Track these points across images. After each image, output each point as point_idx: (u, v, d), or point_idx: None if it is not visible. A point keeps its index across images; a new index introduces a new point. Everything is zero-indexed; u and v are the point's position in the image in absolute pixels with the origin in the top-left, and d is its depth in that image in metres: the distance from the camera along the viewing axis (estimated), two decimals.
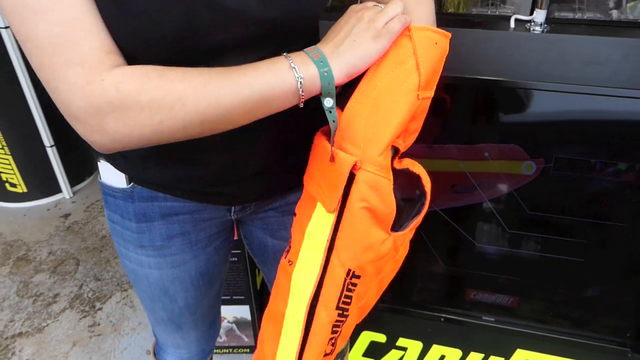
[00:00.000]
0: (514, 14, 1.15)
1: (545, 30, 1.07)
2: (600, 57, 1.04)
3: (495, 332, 1.37)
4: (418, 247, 1.38)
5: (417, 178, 0.72)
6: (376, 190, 0.62)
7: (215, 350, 1.65)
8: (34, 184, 2.54)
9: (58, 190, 2.62)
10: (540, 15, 1.08)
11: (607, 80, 1.05)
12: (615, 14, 1.28)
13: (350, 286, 0.66)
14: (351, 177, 0.62)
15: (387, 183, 0.63)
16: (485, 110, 1.15)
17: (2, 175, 2.46)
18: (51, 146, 2.41)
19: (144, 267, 0.86)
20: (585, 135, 1.12)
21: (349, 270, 0.65)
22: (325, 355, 0.73)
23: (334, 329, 0.70)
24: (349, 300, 0.68)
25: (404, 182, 0.71)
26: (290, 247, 0.72)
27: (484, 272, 1.35)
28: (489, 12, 1.24)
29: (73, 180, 2.65)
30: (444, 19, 1.20)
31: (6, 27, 2.07)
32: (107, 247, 2.37)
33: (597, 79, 1.05)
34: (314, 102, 0.64)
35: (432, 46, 0.69)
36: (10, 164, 2.42)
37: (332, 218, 0.63)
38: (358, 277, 0.66)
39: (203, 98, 0.56)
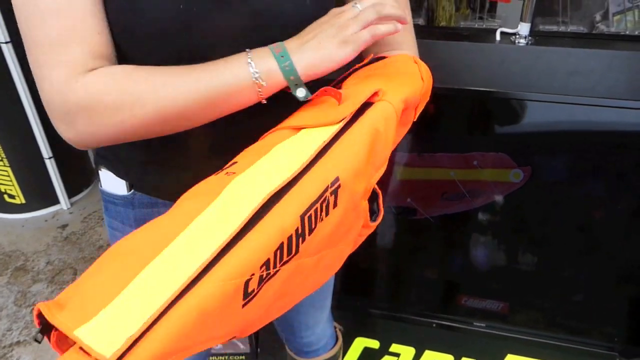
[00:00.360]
0: (501, 27, 1.20)
1: (530, 42, 1.12)
2: (583, 68, 1.08)
3: (487, 338, 1.40)
4: (410, 253, 1.41)
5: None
6: (387, 124, 0.64)
7: (210, 358, 1.67)
8: (33, 195, 2.56)
9: (56, 201, 2.64)
10: (524, 28, 1.12)
11: (590, 91, 1.09)
12: (601, 27, 1.32)
13: (323, 201, 0.55)
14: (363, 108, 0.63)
15: (394, 127, 0.66)
16: (474, 120, 1.19)
17: (1, 186, 2.48)
18: (49, 158, 2.43)
19: None
20: (570, 144, 1.15)
21: (337, 178, 0.57)
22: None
23: (285, 248, 0.52)
24: (320, 216, 0.56)
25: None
26: (227, 167, 0.60)
27: (475, 279, 1.38)
28: (477, 25, 1.29)
29: (71, 192, 2.67)
30: (434, 32, 1.25)
31: (6, 42, 2.11)
32: None
33: (581, 89, 1.09)
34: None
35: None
36: (9, 176, 2.45)
37: (331, 130, 0.60)
38: (336, 191, 0.57)
39: (162, 97, 0.58)
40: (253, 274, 0.49)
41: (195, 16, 0.63)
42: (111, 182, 0.82)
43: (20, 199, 2.55)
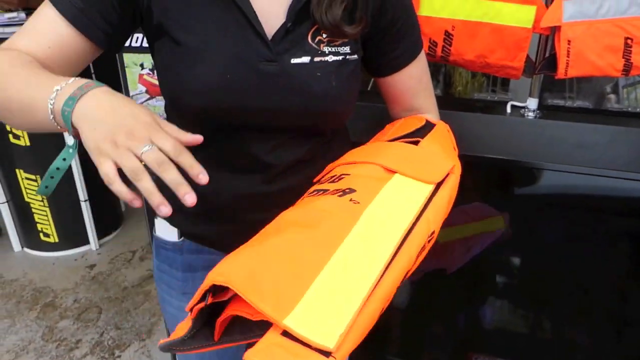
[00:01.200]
0: (511, 100, 1.31)
1: (538, 116, 1.23)
2: (588, 141, 1.18)
3: None
4: (419, 310, 1.48)
5: None
6: (455, 189, 0.82)
7: None
8: (65, 235, 2.70)
9: (86, 242, 2.77)
10: (532, 103, 1.24)
11: (594, 162, 1.18)
12: (613, 99, 1.43)
13: (424, 248, 0.70)
14: None
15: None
16: (481, 184, 1.29)
17: (38, 225, 2.63)
18: (85, 200, 2.59)
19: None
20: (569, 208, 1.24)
21: (432, 231, 0.72)
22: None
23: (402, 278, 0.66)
24: (419, 257, 0.69)
25: None
26: (345, 189, 0.71)
27: (482, 336, 1.43)
28: (489, 97, 1.41)
29: (100, 233, 2.80)
30: (450, 102, 1.37)
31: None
32: (128, 298, 2.48)
33: (585, 160, 1.18)
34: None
35: None
36: (47, 216, 2.60)
37: (429, 187, 0.76)
38: (431, 239, 0.72)
39: (5, 88, 0.66)
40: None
41: (233, 93, 0.75)
42: (164, 230, 0.93)
43: (54, 238, 2.69)
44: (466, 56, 1.17)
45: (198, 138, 0.61)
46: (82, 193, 2.57)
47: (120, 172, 0.56)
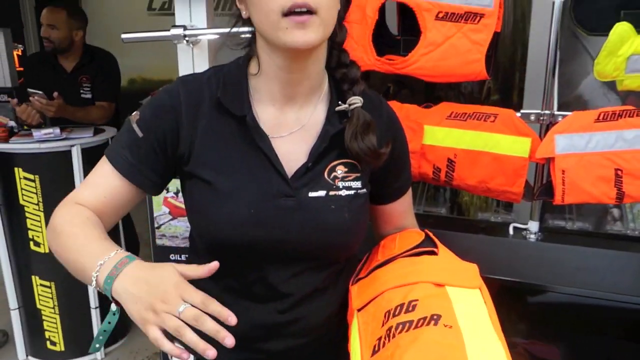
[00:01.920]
0: (514, 220, 1.37)
1: (539, 238, 1.28)
2: (589, 265, 1.22)
3: None
4: None
5: None
6: None
7: None
8: (72, 343, 2.66)
9: None
10: (534, 225, 1.29)
11: (596, 285, 1.21)
12: (619, 225, 1.48)
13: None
14: None
15: None
16: None
17: (46, 333, 2.62)
18: (95, 307, 2.59)
19: None
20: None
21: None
22: None
23: None
24: None
25: None
26: (432, 315, 0.75)
27: None
28: (492, 218, 1.47)
29: (107, 341, 2.76)
30: (455, 223, 1.44)
31: None
32: None
33: (587, 283, 1.21)
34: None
35: None
36: (56, 324, 2.59)
37: (477, 292, 0.82)
38: None
39: (60, 244, 0.80)
40: None
41: (256, 227, 0.82)
42: None
43: (60, 347, 2.66)
44: (468, 181, 1.24)
45: (213, 267, 0.71)
46: (93, 300, 2.59)
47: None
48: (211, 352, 0.65)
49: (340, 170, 0.87)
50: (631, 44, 1.03)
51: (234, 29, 0.89)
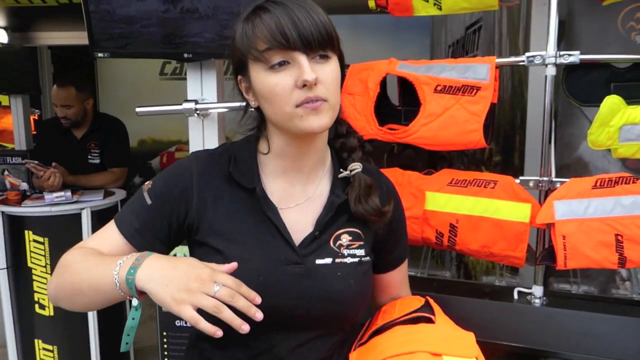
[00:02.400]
0: (519, 283, 1.37)
1: (544, 303, 1.28)
2: (595, 330, 1.21)
3: None
4: None
5: None
6: None
7: None
8: None
9: None
10: (538, 290, 1.29)
11: (603, 352, 1.19)
12: (627, 285, 1.47)
13: None
14: None
15: None
16: None
17: None
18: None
19: None
20: None
21: None
22: None
23: None
24: None
25: None
26: None
27: None
28: (497, 281, 1.47)
29: None
30: (459, 288, 1.44)
31: None
32: None
33: (594, 350, 1.20)
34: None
35: None
36: None
37: None
38: None
39: (72, 272, 0.83)
40: None
41: (264, 294, 0.82)
42: None
43: None
44: (471, 246, 1.26)
45: (232, 266, 0.77)
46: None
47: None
48: (246, 326, 0.71)
49: (345, 239, 0.91)
50: (622, 115, 1.08)
51: (242, 104, 0.95)
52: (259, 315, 0.72)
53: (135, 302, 0.76)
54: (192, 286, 0.71)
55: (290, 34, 0.77)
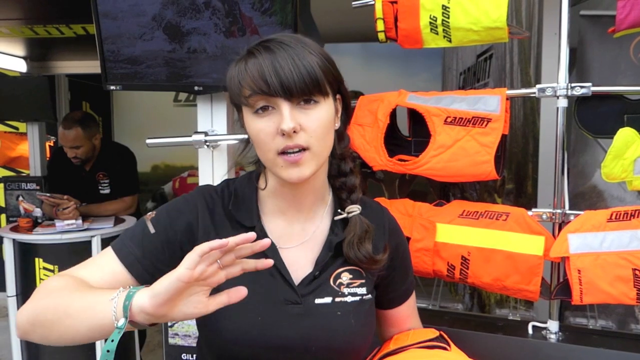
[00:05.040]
0: (534, 316, 1.34)
1: (560, 338, 1.24)
2: None
3: None
4: None
5: None
6: None
7: None
8: None
9: None
10: (553, 325, 1.26)
11: None
12: None
13: None
14: None
15: None
16: None
17: None
18: None
19: None
20: None
21: None
22: None
23: None
24: None
25: None
26: None
27: None
28: (511, 315, 1.44)
29: None
30: (472, 321, 1.41)
31: None
32: None
33: None
34: None
35: None
36: None
37: None
38: None
39: (56, 296, 0.77)
40: None
41: (264, 334, 0.83)
42: None
43: None
44: (484, 279, 1.24)
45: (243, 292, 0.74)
46: None
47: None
48: (265, 241, 0.73)
49: (345, 277, 0.89)
50: (637, 147, 1.06)
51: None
52: (266, 242, 0.73)
53: (121, 322, 0.70)
54: (198, 275, 0.68)
55: (271, 80, 0.76)
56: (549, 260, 1.20)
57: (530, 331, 1.27)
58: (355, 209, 0.91)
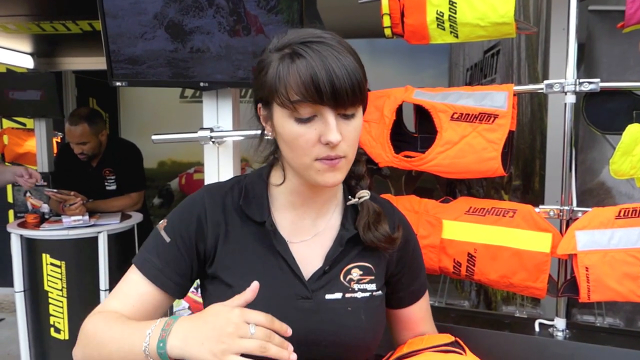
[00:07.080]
0: (541, 314, 1.33)
1: (567, 336, 1.23)
2: None
3: None
4: None
5: None
6: None
7: None
8: None
9: None
10: (560, 322, 1.25)
11: None
12: None
13: None
14: None
15: None
16: None
17: None
18: None
19: None
20: None
21: None
22: None
23: None
24: None
25: None
26: None
27: None
28: (517, 313, 1.43)
29: None
30: (478, 319, 1.40)
31: None
32: None
33: None
34: None
35: None
36: None
37: None
38: None
39: (97, 342, 0.80)
40: None
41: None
42: None
43: None
44: (490, 276, 1.23)
45: (255, 287, 0.76)
46: None
47: None
48: (293, 356, 0.71)
49: (355, 273, 0.89)
50: None
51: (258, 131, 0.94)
52: (293, 357, 0.72)
53: None
54: (227, 332, 0.70)
55: (325, 90, 0.74)
56: (556, 257, 1.19)
57: (537, 329, 1.26)
58: (365, 194, 0.91)
